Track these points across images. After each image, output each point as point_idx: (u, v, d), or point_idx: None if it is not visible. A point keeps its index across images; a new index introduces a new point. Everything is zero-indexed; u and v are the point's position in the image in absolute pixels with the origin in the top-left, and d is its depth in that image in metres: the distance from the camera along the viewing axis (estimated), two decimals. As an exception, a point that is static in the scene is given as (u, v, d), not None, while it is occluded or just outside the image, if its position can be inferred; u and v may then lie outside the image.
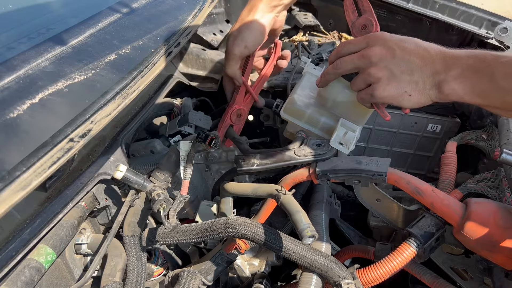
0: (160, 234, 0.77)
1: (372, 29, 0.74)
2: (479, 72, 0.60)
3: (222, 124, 0.95)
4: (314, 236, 0.62)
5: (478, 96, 0.61)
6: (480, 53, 0.61)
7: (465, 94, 0.62)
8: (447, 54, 0.64)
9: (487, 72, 0.59)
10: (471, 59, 0.61)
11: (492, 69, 0.58)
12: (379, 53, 0.67)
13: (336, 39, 1.64)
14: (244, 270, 0.92)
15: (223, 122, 0.95)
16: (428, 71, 0.65)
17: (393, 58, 0.66)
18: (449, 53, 0.64)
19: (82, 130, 0.56)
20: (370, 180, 0.74)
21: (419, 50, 0.66)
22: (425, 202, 0.71)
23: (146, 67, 0.74)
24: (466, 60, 0.62)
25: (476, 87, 0.61)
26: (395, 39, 0.68)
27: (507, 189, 0.78)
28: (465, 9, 1.42)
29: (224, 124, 0.95)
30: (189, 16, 0.95)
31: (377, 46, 0.68)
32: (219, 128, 0.95)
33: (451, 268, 0.80)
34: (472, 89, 0.61)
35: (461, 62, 0.62)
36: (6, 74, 0.61)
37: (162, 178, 0.83)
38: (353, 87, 0.74)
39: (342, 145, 0.78)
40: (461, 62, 0.62)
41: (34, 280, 0.61)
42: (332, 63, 0.75)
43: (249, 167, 0.84)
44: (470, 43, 1.48)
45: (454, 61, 0.63)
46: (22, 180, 0.47)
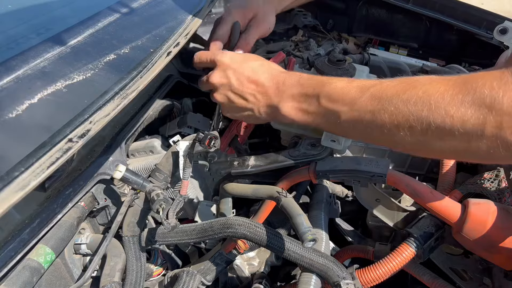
0: (160, 234, 0.77)
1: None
2: (308, 97, 0.68)
3: (228, 133, 0.96)
4: (315, 239, 0.62)
5: (306, 117, 0.69)
6: (308, 82, 0.69)
7: (296, 117, 0.70)
8: (280, 83, 0.71)
9: (313, 96, 0.67)
10: (300, 87, 0.69)
11: (318, 93, 0.66)
12: (219, 81, 0.76)
13: (335, 39, 1.64)
14: (244, 270, 0.92)
15: (229, 131, 0.96)
16: (262, 101, 0.73)
17: (230, 87, 0.75)
18: (281, 82, 0.71)
19: (81, 130, 0.56)
20: (369, 181, 0.74)
21: (254, 79, 0.73)
22: (423, 204, 0.71)
23: (146, 67, 0.73)
24: (296, 89, 0.69)
25: (305, 111, 0.69)
26: (233, 66, 0.75)
27: (507, 190, 0.78)
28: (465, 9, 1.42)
29: (230, 134, 0.96)
30: (188, 16, 0.95)
31: (218, 72, 0.76)
32: (225, 136, 0.96)
33: (451, 268, 0.80)
34: (302, 113, 0.69)
35: (292, 91, 0.70)
36: (5, 74, 0.61)
37: (161, 178, 0.83)
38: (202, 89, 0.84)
39: (334, 142, 0.78)
40: (292, 91, 0.70)
41: (33, 280, 0.61)
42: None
43: (243, 169, 0.84)
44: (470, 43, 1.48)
45: (286, 89, 0.70)
46: (21, 180, 0.47)
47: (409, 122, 0.55)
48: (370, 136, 0.64)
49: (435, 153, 0.59)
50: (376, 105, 0.59)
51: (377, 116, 0.59)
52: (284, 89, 0.71)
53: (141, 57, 0.76)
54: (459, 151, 0.54)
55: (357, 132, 0.66)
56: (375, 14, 1.64)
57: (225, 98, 0.77)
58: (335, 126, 0.67)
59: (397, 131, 0.57)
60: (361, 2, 1.63)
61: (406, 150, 0.64)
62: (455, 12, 1.42)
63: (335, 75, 0.87)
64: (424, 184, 0.74)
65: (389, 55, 1.53)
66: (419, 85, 0.56)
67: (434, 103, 0.53)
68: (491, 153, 0.51)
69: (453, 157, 0.80)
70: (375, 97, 0.60)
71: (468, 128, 0.50)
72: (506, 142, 0.48)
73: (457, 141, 0.52)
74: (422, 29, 1.56)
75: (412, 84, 0.57)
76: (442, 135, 0.53)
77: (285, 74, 0.73)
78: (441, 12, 1.44)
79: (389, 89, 0.59)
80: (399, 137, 0.58)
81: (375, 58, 1.26)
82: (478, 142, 0.50)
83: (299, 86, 0.69)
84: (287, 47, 1.45)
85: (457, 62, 1.39)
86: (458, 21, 1.41)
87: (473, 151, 0.52)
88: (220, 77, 0.76)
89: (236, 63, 0.75)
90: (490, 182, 0.82)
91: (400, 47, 1.59)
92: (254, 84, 0.73)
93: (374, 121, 0.60)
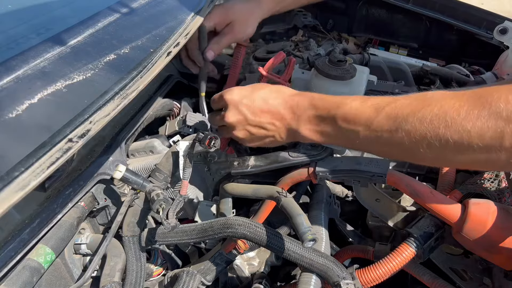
0: (160, 234, 0.77)
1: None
2: (324, 119, 0.69)
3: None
4: (315, 239, 0.62)
5: (326, 137, 0.70)
6: (321, 103, 0.70)
7: (316, 138, 0.71)
8: (294, 107, 0.72)
9: (330, 118, 0.68)
10: (315, 109, 0.70)
11: (334, 115, 0.67)
12: (234, 119, 0.76)
13: (335, 39, 1.64)
14: (244, 270, 0.92)
15: None
16: (282, 127, 0.74)
17: (247, 122, 0.75)
18: (295, 106, 0.72)
19: (81, 130, 0.56)
20: (369, 181, 0.74)
21: (267, 109, 0.74)
22: (423, 204, 0.71)
23: (145, 67, 0.73)
24: (311, 111, 0.70)
25: (324, 132, 0.70)
26: (244, 101, 0.75)
27: (507, 190, 0.78)
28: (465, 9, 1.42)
29: None
30: (188, 16, 0.95)
31: (231, 111, 0.76)
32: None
33: (451, 268, 0.80)
34: (321, 134, 0.70)
35: (308, 113, 0.71)
36: (5, 74, 0.61)
37: (161, 178, 0.83)
38: (221, 135, 0.84)
39: None
40: (308, 113, 0.71)
41: (33, 280, 0.61)
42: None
43: (243, 169, 0.84)
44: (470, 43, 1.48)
45: (302, 113, 0.71)
46: (21, 180, 0.47)
47: (427, 140, 0.56)
48: (390, 153, 0.66)
49: (457, 164, 0.60)
50: (392, 124, 0.60)
51: (394, 135, 0.60)
52: (299, 113, 0.72)
53: (141, 57, 0.76)
54: (479, 162, 0.55)
55: (377, 149, 0.67)
56: (375, 14, 1.64)
57: (245, 133, 0.77)
58: (356, 145, 0.68)
59: (416, 148, 0.58)
60: (361, 2, 1.64)
61: (428, 163, 0.66)
62: (455, 12, 1.42)
63: (335, 75, 0.87)
64: (424, 184, 0.74)
65: (389, 55, 1.53)
66: (434, 102, 0.56)
67: (450, 119, 0.53)
68: (511, 163, 0.52)
69: (475, 168, 0.79)
70: (390, 117, 0.60)
71: (486, 142, 0.51)
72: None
73: (476, 154, 0.53)
74: (422, 29, 1.57)
75: (427, 101, 0.57)
76: (461, 150, 0.54)
77: (297, 97, 0.73)
78: (441, 12, 1.45)
79: (404, 107, 0.59)
80: (419, 153, 0.58)
81: (375, 58, 1.26)
82: (498, 153, 0.52)
83: (314, 108, 0.70)
84: (287, 47, 1.44)
85: (457, 62, 1.40)
86: (458, 21, 1.42)
87: (493, 162, 0.54)
88: (235, 115, 0.76)
89: (246, 97, 0.75)
90: (490, 182, 0.82)
91: (400, 47, 1.59)
92: (269, 113, 0.74)
93: (392, 139, 0.61)
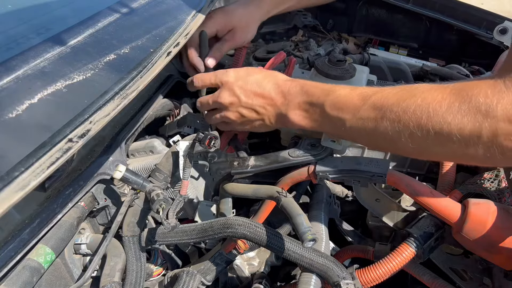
0: (160, 234, 0.77)
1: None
2: (313, 105, 0.71)
3: (228, 132, 0.96)
4: (315, 239, 0.62)
5: (314, 123, 0.72)
6: (312, 89, 0.72)
7: (305, 124, 0.73)
8: (285, 92, 0.74)
9: (319, 104, 0.70)
10: (305, 95, 0.72)
11: (322, 101, 0.69)
12: (228, 100, 0.79)
13: (335, 39, 1.64)
14: (244, 270, 0.92)
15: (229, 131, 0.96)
16: (271, 110, 0.77)
17: (240, 103, 0.78)
18: (286, 91, 0.74)
19: (81, 130, 0.56)
20: (369, 181, 0.74)
21: (261, 92, 0.76)
22: (423, 204, 0.71)
23: (145, 67, 0.73)
24: (302, 97, 0.72)
25: (312, 119, 0.72)
26: (239, 83, 0.78)
27: (507, 190, 0.78)
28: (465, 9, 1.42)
29: (230, 132, 0.96)
30: (188, 16, 0.95)
31: (225, 91, 0.79)
32: (225, 134, 0.95)
33: (451, 268, 0.80)
34: (309, 120, 0.73)
35: (298, 99, 0.73)
36: (5, 74, 0.61)
37: (161, 178, 0.83)
38: (209, 120, 0.87)
39: (334, 142, 0.78)
40: (298, 99, 0.73)
41: (33, 280, 0.61)
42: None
43: (243, 170, 0.84)
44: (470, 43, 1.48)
45: (293, 98, 0.73)
46: (21, 180, 0.47)
47: (409, 129, 0.58)
48: (374, 142, 0.68)
49: (436, 156, 0.63)
50: (378, 113, 0.62)
51: (379, 124, 0.62)
52: (290, 98, 0.74)
53: (141, 57, 0.76)
54: (458, 155, 0.57)
55: (362, 138, 0.69)
56: (375, 14, 1.64)
57: (237, 115, 0.80)
58: (342, 132, 0.70)
59: (398, 138, 0.60)
60: (361, 2, 1.63)
61: (408, 154, 0.67)
62: (455, 12, 1.42)
63: (335, 75, 0.87)
64: (424, 184, 0.74)
65: (389, 55, 1.53)
66: (418, 93, 0.58)
67: (433, 111, 0.55)
68: (488, 157, 0.53)
69: (453, 160, 0.83)
70: (376, 106, 0.62)
71: (465, 135, 0.53)
72: (501, 148, 0.51)
73: (455, 146, 0.55)
74: (422, 29, 1.56)
75: (412, 92, 0.59)
76: (441, 141, 0.56)
77: (289, 82, 0.75)
78: (441, 12, 1.45)
79: (390, 97, 0.61)
80: (401, 143, 0.60)
81: (375, 58, 1.26)
82: (475, 147, 0.53)
83: (304, 94, 0.72)
84: (287, 47, 1.45)
85: (457, 62, 1.40)
86: (458, 21, 1.41)
87: (472, 156, 0.55)
88: (229, 96, 0.78)
89: (241, 79, 0.78)
90: (490, 182, 0.82)
91: (400, 47, 1.59)
92: (261, 97, 0.76)
93: (377, 128, 0.62)
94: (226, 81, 0.79)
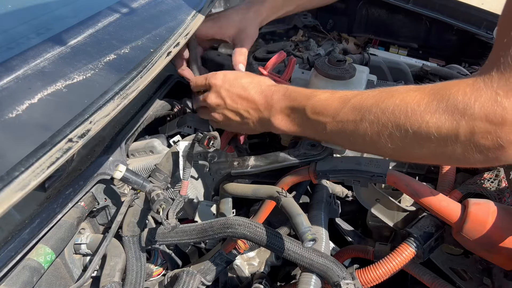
0: (160, 234, 0.77)
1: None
2: (294, 110, 0.72)
3: (228, 132, 0.96)
4: (315, 239, 0.62)
5: (296, 128, 0.74)
6: (294, 94, 0.73)
7: (287, 128, 0.75)
8: (268, 97, 0.76)
9: (300, 109, 0.71)
10: (287, 100, 0.73)
11: (304, 106, 0.70)
12: (214, 102, 0.82)
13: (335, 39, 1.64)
14: (244, 270, 0.92)
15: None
16: (255, 115, 0.79)
17: (225, 106, 0.81)
18: (270, 96, 0.76)
19: (81, 130, 0.56)
20: (369, 181, 0.74)
21: (245, 96, 0.78)
22: (423, 204, 0.71)
23: (145, 67, 0.73)
24: (284, 102, 0.74)
25: (294, 123, 0.73)
26: (226, 86, 0.80)
27: (507, 190, 0.78)
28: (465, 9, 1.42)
29: (230, 132, 0.96)
30: (188, 16, 0.95)
31: (212, 93, 0.82)
32: (224, 134, 0.95)
33: (451, 268, 0.80)
34: (291, 125, 0.74)
35: (280, 104, 0.74)
36: (5, 74, 0.61)
37: (161, 179, 0.83)
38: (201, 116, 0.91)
39: None
40: (280, 104, 0.74)
41: (33, 280, 0.61)
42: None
43: (243, 170, 0.84)
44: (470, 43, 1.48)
45: (275, 103, 0.75)
46: (21, 180, 0.47)
47: (388, 130, 0.58)
48: (355, 144, 0.68)
49: (416, 158, 0.62)
50: (357, 115, 0.62)
51: (358, 126, 0.62)
52: (272, 103, 0.75)
53: (141, 57, 0.76)
54: (437, 155, 0.57)
55: (342, 141, 0.70)
56: (375, 14, 1.64)
57: (222, 117, 0.83)
58: (323, 136, 0.71)
59: (378, 139, 0.60)
60: (361, 2, 1.64)
61: (388, 156, 0.69)
62: (455, 12, 1.42)
63: (335, 75, 0.87)
64: (424, 184, 0.74)
65: (389, 55, 1.53)
66: (397, 94, 0.59)
67: (411, 110, 0.55)
68: (466, 156, 0.53)
69: (433, 161, 0.82)
70: (355, 108, 0.63)
71: (443, 133, 0.53)
72: (479, 146, 0.51)
73: (434, 146, 0.55)
74: (422, 29, 1.57)
75: (391, 93, 0.60)
76: (420, 141, 0.56)
77: (273, 87, 0.77)
78: (441, 12, 1.45)
79: (369, 99, 0.62)
80: (381, 144, 0.61)
81: (375, 58, 1.26)
82: (453, 146, 0.53)
83: (286, 99, 0.74)
84: (287, 47, 1.45)
85: (457, 62, 1.40)
86: (458, 21, 1.42)
87: (450, 155, 0.55)
88: (215, 98, 0.81)
89: (227, 82, 0.80)
90: (490, 182, 0.82)
91: (400, 47, 1.59)
92: (246, 101, 0.78)
93: (356, 130, 0.63)
94: (214, 83, 0.82)
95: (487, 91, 0.49)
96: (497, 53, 0.50)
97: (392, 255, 0.71)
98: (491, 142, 0.50)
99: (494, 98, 0.49)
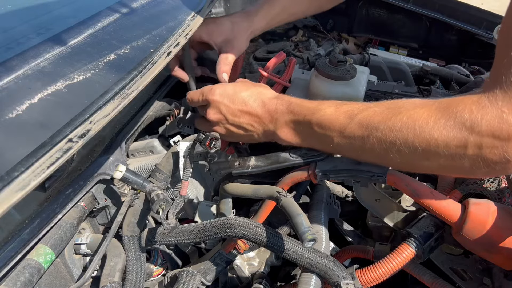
0: (159, 234, 0.77)
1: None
2: (300, 124, 0.72)
3: None
4: (315, 239, 0.62)
5: (302, 141, 0.74)
6: (298, 108, 0.73)
7: (293, 140, 0.75)
8: (272, 110, 0.75)
9: (306, 123, 0.71)
10: (292, 114, 0.73)
11: (309, 120, 0.70)
12: (215, 118, 0.80)
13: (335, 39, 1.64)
14: (244, 270, 0.92)
15: None
16: (260, 128, 0.78)
17: (227, 121, 0.79)
18: (273, 109, 0.75)
19: (81, 130, 0.56)
20: (369, 181, 0.74)
21: (247, 110, 0.77)
22: (423, 204, 0.71)
23: (146, 67, 0.73)
24: (288, 116, 0.73)
25: (300, 136, 0.74)
26: (225, 101, 0.78)
27: (507, 190, 0.78)
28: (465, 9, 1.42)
29: None
30: (188, 16, 0.95)
31: (212, 109, 0.80)
32: None
33: (451, 268, 0.80)
34: (297, 137, 0.74)
35: (285, 117, 0.74)
36: (5, 74, 0.61)
37: (161, 179, 0.83)
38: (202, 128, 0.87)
39: None
40: (285, 117, 0.74)
41: (33, 280, 0.61)
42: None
43: (244, 170, 0.84)
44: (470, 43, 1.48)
45: (279, 116, 0.74)
46: (21, 180, 0.47)
47: (396, 146, 0.60)
48: (362, 156, 0.69)
49: (424, 169, 0.63)
50: (364, 131, 0.63)
51: (366, 142, 0.63)
52: (277, 117, 0.75)
53: (141, 57, 0.76)
54: (445, 168, 0.59)
55: (350, 153, 0.71)
56: (375, 14, 1.64)
57: (224, 130, 0.81)
58: (330, 149, 0.72)
59: (386, 154, 0.62)
60: (361, 2, 1.64)
61: (398, 167, 0.70)
62: (455, 12, 1.42)
63: (336, 75, 0.87)
64: (424, 184, 0.74)
65: (389, 55, 1.53)
66: (404, 111, 0.60)
67: (419, 128, 0.57)
68: (474, 169, 0.56)
69: (441, 173, 0.84)
70: (362, 125, 0.64)
71: (451, 150, 0.55)
72: (486, 160, 0.54)
73: (442, 160, 0.57)
74: (422, 29, 1.57)
75: (397, 110, 0.61)
76: (428, 156, 0.58)
77: (275, 100, 0.76)
78: (441, 12, 1.45)
79: (376, 115, 0.62)
80: (389, 158, 0.62)
81: (375, 58, 1.26)
82: (461, 160, 0.55)
83: (291, 113, 0.73)
84: (287, 47, 1.45)
85: (457, 62, 1.40)
86: (458, 21, 1.42)
87: (458, 168, 0.57)
88: (215, 114, 0.79)
89: (226, 97, 0.78)
90: (490, 182, 0.82)
91: (400, 47, 1.59)
92: (248, 115, 0.77)
93: (364, 145, 0.64)
94: (212, 99, 0.79)
95: (492, 109, 0.52)
96: (498, 71, 0.53)
97: (392, 255, 0.71)
98: (498, 156, 0.52)
99: (500, 115, 0.51)
